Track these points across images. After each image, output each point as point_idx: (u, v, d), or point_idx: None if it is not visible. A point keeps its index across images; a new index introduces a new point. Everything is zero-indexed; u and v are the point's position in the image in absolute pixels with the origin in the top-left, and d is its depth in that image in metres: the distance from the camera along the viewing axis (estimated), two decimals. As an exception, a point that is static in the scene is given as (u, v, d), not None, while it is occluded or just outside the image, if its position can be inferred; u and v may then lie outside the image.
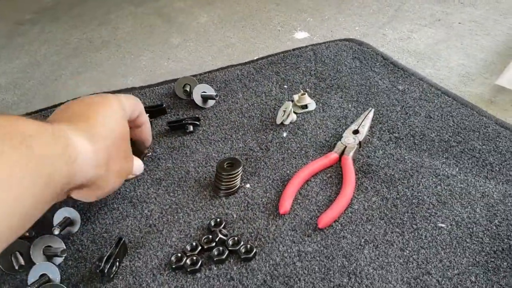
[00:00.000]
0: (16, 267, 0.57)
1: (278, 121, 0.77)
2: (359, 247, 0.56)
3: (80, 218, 0.64)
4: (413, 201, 0.61)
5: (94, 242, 0.62)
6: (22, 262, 0.57)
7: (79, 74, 1.04)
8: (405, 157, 0.68)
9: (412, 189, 0.63)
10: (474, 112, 0.75)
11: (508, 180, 0.63)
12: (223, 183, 0.65)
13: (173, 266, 0.56)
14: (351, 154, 0.68)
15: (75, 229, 0.63)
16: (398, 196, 0.62)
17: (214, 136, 0.77)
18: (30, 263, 0.58)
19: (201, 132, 0.78)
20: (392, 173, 0.66)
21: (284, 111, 0.77)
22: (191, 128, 0.78)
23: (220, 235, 0.58)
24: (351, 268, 0.54)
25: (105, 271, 0.55)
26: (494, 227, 0.56)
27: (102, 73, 1.02)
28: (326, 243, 0.57)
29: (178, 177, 0.70)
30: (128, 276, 0.57)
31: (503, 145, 0.68)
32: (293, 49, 0.99)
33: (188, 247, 0.58)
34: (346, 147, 0.69)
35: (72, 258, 0.60)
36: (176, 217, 0.64)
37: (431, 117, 0.76)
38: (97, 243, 0.61)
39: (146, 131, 0.66)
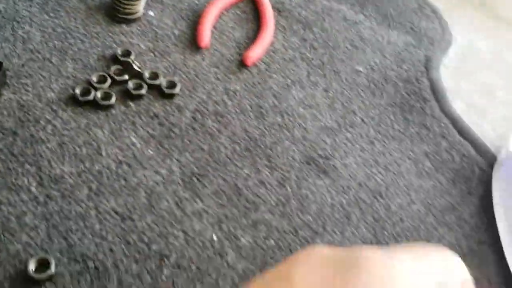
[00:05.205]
0: None
1: None
2: (286, 87, 0.53)
3: None
4: (329, 44, 0.60)
5: (-51, 68, 0.45)
6: None
7: None
8: None
9: (327, 32, 0.61)
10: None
11: (407, 31, 0.66)
12: (121, 4, 0.53)
13: (80, 100, 0.45)
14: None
15: None
16: (314, 38, 0.60)
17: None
18: None
19: None
20: (306, 14, 0.62)
21: None
22: None
23: (135, 66, 0.48)
24: (283, 107, 0.51)
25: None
26: (404, 72, 0.59)
27: None
28: (253, 81, 0.53)
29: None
30: (16, 111, 0.44)
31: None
32: None
33: (94, 78, 0.47)
34: (257, -19, 0.63)
35: None
36: (66, 43, 0.50)
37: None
38: (-45, 69, 0.45)
39: None
